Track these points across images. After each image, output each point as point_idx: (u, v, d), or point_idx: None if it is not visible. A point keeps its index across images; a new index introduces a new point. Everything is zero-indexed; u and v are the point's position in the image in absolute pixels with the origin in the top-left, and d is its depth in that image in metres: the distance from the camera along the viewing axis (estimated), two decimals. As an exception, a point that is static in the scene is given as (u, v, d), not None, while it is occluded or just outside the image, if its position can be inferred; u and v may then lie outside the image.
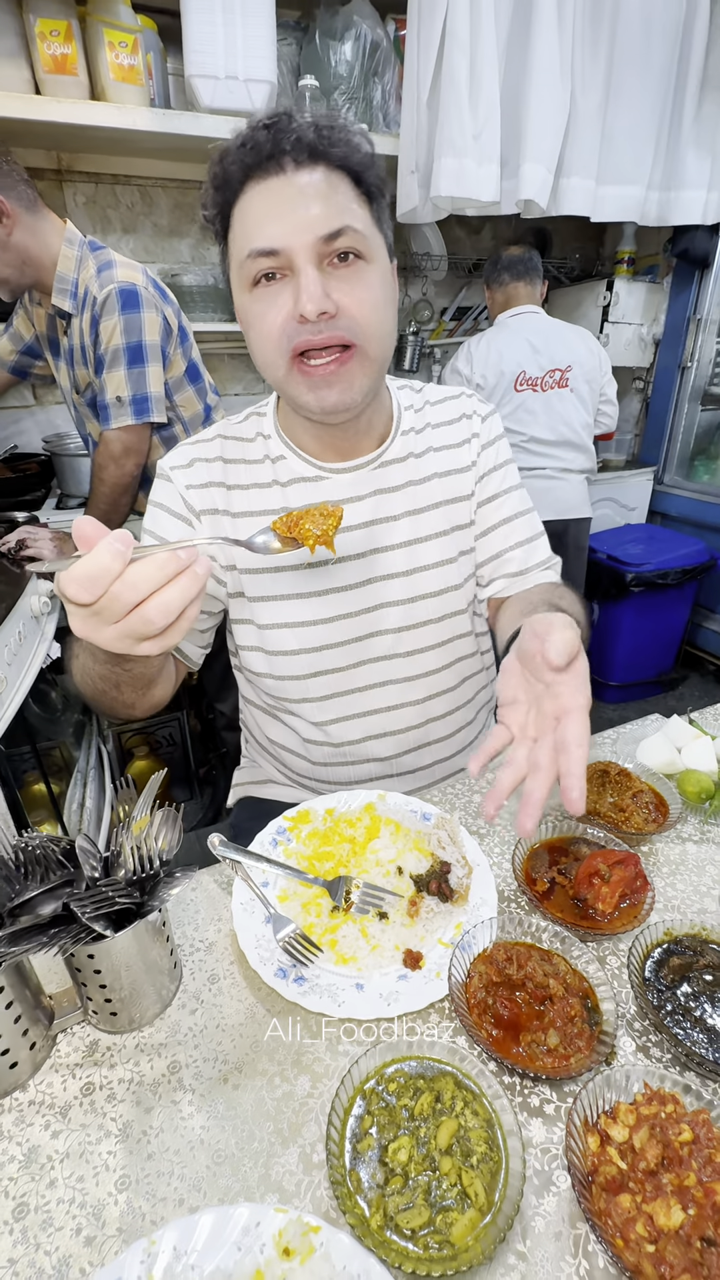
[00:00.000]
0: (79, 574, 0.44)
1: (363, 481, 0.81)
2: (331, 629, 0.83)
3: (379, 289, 0.69)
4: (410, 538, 0.83)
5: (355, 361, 0.69)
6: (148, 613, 0.46)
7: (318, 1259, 0.40)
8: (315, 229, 0.64)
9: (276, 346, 0.67)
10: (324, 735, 0.88)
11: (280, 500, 0.81)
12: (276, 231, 0.64)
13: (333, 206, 0.64)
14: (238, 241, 0.67)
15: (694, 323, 2.77)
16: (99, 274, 1.37)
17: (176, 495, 0.81)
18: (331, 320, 0.66)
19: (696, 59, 2.07)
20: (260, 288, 0.67)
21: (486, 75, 1.82)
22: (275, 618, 0.83)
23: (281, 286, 0.66)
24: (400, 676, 0.86)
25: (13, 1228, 0.45)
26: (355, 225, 0.65)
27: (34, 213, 1.34)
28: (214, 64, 1.68)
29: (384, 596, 0.83)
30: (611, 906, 0.63)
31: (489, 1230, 0.41)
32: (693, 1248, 0.39)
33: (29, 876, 0.53)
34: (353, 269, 0.67)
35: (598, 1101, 0.47)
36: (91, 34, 1.61)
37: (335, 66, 1.97)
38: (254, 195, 0.65)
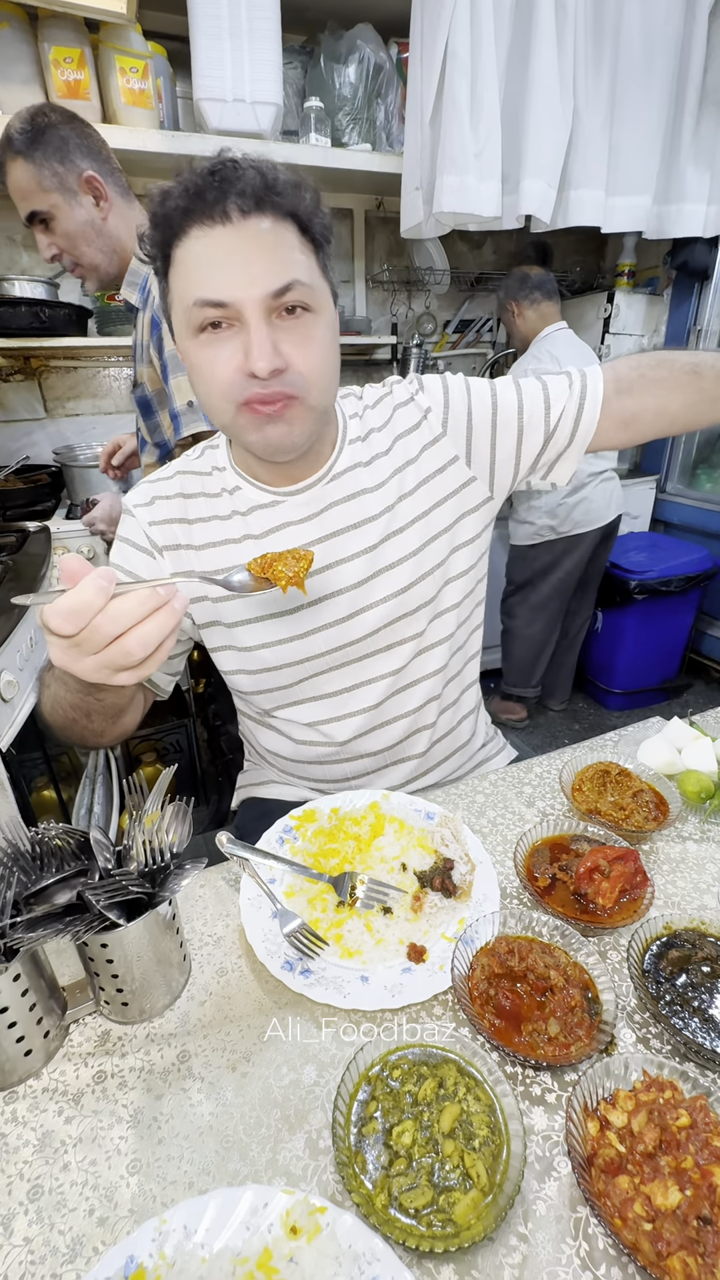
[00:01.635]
0: (63, 608, 0.46)
1: (316, 498, 0.83)
2: (308, 642, 0.85)
3: (325, 341, 0.71)
4: (372, 542, 0.83)
5: (296, 410, 0.71)
6: (127, 645, 0.49)
7: (324, 1238, 0.42)
8: (264, 283, 0.64)
9: (224, 395, 0.69)
10: (315, 736, 0.90)
11: (242, 528, 0.83)
12: (224, 283, 0.64)
13: (280, 260, 0.65)
14: (181, 285, 0.67)
15: (694, 334, 2.80)
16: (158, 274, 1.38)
17: (140, 531, 0.84)
18: (280, 375, 0.67)
19: (695, 75, 2.12)
20: (206, 334, 0.67)
21: (487, 95, 1.87)
22: (254, 639, 0.85)
23: (229, 336, 0.66)
24: (381, 673, 0.87)
25: (28, 1208, 0.46)
26: (303, 279, 0.66)
27: (127, 200, 1.31)
28: (222, 87, 1.74)
29: (354, 604, 0.84)
30: (612, 901, 0.64)
31: (491, 1209, 0.42)
32: (689, 1226, 0.40)
33: (45, 868, 0.54)
34: (300, 321, 0.68)
35: (597, 1088, 0.48)
36: (104, 60, 1.66)
37: (340, 88, 2.02)
38: (199, 241, 0.64)
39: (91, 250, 1.28)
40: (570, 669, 2.79)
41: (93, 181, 1.22)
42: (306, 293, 0.67)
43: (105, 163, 1.25)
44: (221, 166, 0.64)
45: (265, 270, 0.64)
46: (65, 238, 1.25)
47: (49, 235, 1.25)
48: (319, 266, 0.70)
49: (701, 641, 2.99)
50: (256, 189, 0.63)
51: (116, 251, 1.31)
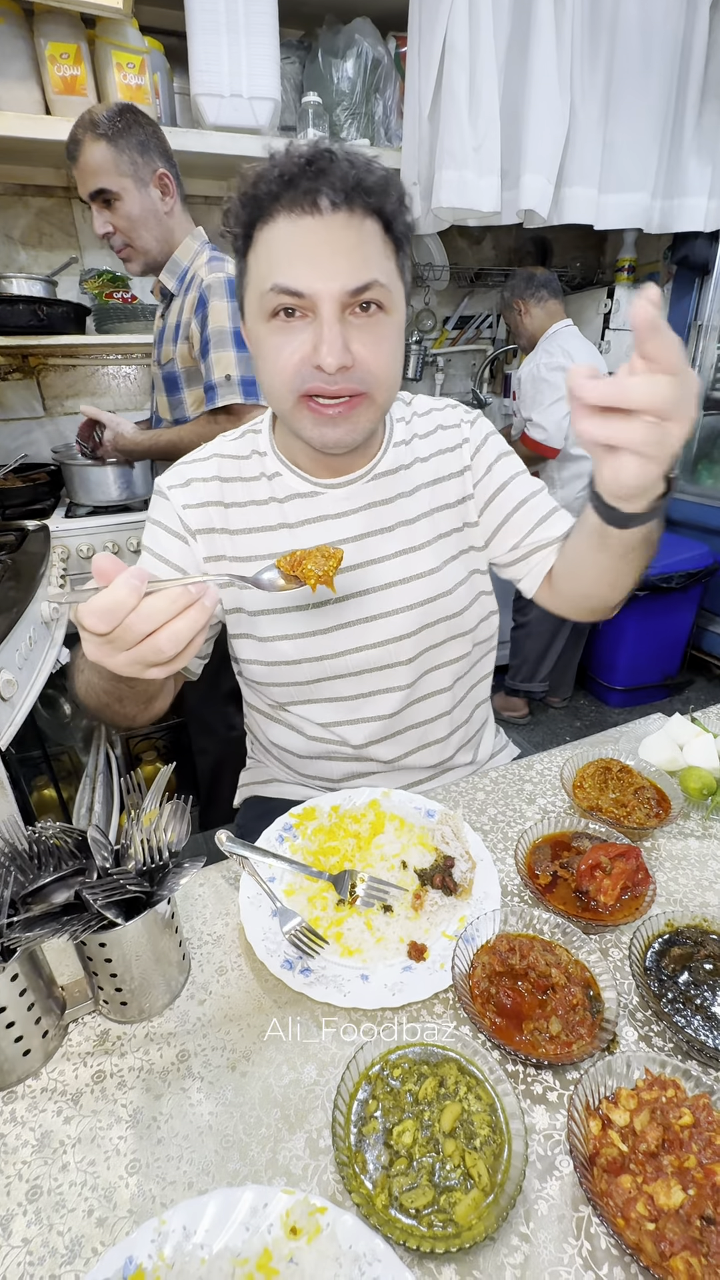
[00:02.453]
0: (97, 607, 0.47)
1: (356, 495, 0.83)
2: (330, 639, 0.84)
3: (394, 341, 0.71)
4: (403, 547, 0.85)
5: (363, 407, 0.71)
6: (159, 642, 0.49)
7: (324, 1238, 0.41)
8: (344, 280, 0.64)
9: (287, 384, 0.69)
10: (327, 736, 0.90)
11: (278, 516, 0.83)
12: (305, 274, 0.64)
13: (361, 258, 0.65)
14: (261, 267, 0.67)
15: (695, 329, 2.79)
16: (210, 262, 1.44)
17: (174, 514, 0.83)
18: (347, 372, 0.67)
19: (697, 68, 2.11)
20: (279, 320, 0.68)
21: (486, 89, 1.86)
22: (274, 630, 0.84)
23: (301, 325, 0.67)
24: (399, 684, 0.87)
25: (26, 1209, 0.46)
26: (381, 279, 0.66)
27: (184, 206, 1.48)
28: (219, 83, 1.73)
29: (380, 606, 0.84)
30: (613, 899, 0.63)
31: (492, 1209, 0.42)
32: (692, 1226, 0.39)
33: (42, 866, 0.54)
34: (373, 320, 0.68)
35: (599, 1087, 0.48)
36: (100, 56, 1.65)
37: (338, 83, 2.01)
38: (285, 227, 0.65)
39: (149, 236, 1.43)
40: (573, 666, 2.79)
41: (165, 179, 1.40)
42: (383, 293, 0.67)
43: (174, 167, 1.43)
44: (318, 156, 0.64)
45: (346, 266, 0.65)
46: (126, 219, 1.38)
47: (108, 213, 1.38)
48: (397, 267, 0.70)
49: (703, 638, 2.98)
50: (348, 184, 0.64)
51: (167, 243, 1.46)
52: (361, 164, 0.65)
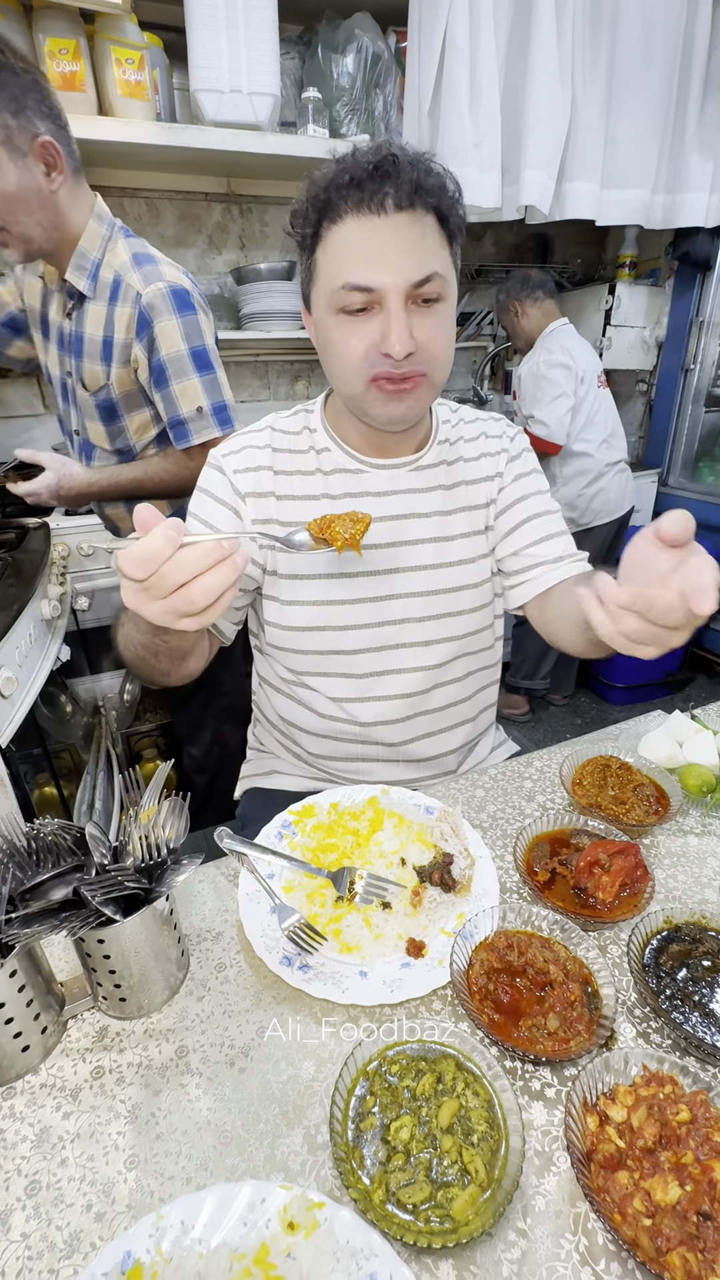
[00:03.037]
0: (136, 554, 0.51)
1: (398, 479, 0.88)
2: (353, 610, 0.87)
3: (450, 326, 0.78)
4: (437, 534, 0.89)
5: (424, 386, 0.77)
6: (191, 593, 0.53)
7: (322, 1233, 0.41)
8: (409, 274, 0.70)
9: (356, 370, 0.75)
10: (338, 712, 0.91)
11: (322, 487, 0.87)
12: (374, 271, 0.70)
13: (424, 253, 0.71)
14: (331, 267, 0.73)
15: (696, 325, 2.78)
16: (138, 266, 1.24)
17: (225, 483, 0.86)
18: (411, 357, 0.73)
19: (699, 62, 2.09)
20: (346, 314, 0.73)
21: (486, 84, 1.85)
22: (300, 595, 0.88)
23: (369, 317, 0.73)
24: (414, 665, 0.89)
25: (25, 1204, 0.46)
26: (440, 271, 0.72)
27: (77, 176, 1.20)
28: (218, 78, 1.72)
29: (407, 586, 0.88)
30: (612, 896, 0.63)
31: (489, 1205, 0.42)
32: (689, 1222, 0.39)
33: (40, 863, 0.54)
34: (433, 309, 0.74)
35: (597, 1083, 0.48)
36: (99, 51, 1.65)
37: (337, 79, 2.00)
38: (353, 228, 0.71)
39: (29, 220, 1.14)
40: (574, 663, 2.79)
41: (49, 149, 1.09)
42: (441, 284, 0.73)
43: (63, 129, 1.12)
44: (383, 161, 0.70)
45: (410, 262, 0.70)
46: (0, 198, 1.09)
47: None
48: (451, 257, 0.77)
49: (704, 635, 2.98)
50: (410, 186, 0.69)
51: (57, 228, 1.18)
52: (422, 166, 0.71)
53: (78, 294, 1.27)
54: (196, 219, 2.32)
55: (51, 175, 1.12)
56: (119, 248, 1.25)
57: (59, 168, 1.13)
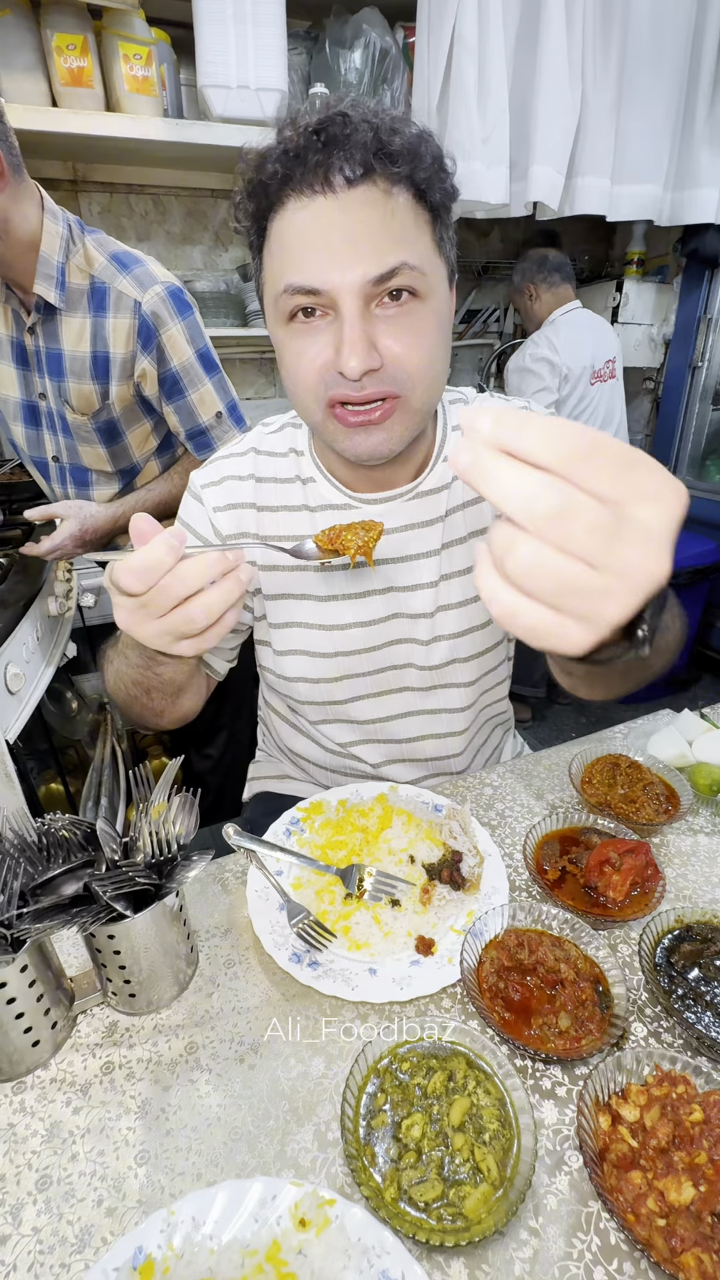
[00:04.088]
0: (135, 564, 0.46)
1: (394, 514, 0.76)
2: (353, 661, 0.81)
3: (433, 330, 0.61)
4: (437, 576, 0.78)
5: (398, 414, 0.63)
6: (191, 611, 0.48)
7: (333, 1230, 0.41)
8: (365, 269, 0.55)
9: (311, 393, 0.62)
10: (346, 753, 0.88)
11: (309, 525, 0.78)
12: (319, 266, 0.56)
13: (387, 239, 0.56)
14: (274, 266, 0.60)
15: (704, 322, 2.77)
16: (126, 270, 1.14)
17: (205, 519, 0.78)
18: (375, 374, 0.59)
19: (709, 57, 2.08)
20: (298, 323, 0.60)
21: (495, 79, 1.84)
22: (294, 645, 0.82)
23: (322, 325, 0.59)
24: (422, 709, 0.84)
25: (36, 1198, 0.46)
26: (411, 261, 0.57)
27: (19, 176, 1.04)
28: (226, 74, 1.71)
29: (407, 632, 0.80)
30: (622, 894, 0.63)
31: (501, 1203, 0.41)
32: (703, 1222, 0.39)
33: (51, 859, 0.54)
34: (405, 309, 0.59)
35: (609, 1083, 0.48)
36: (107, 47, 1.64)
37: (345, 74, 1.99)
38: (295, 214, 0.56)
39: None
40: None
41: None
42: (414, 277, 0.58)
43: (2, 127, 0.98)
44: (328, 122, 0.54)
45: (367, 251, 0.55)
46: None
47: None
48: (434, 241, 0.61)
49: (710, 635, 2.97)
50: (366, 151, 0.54)
51: (9, 235, 1.06)
52: (385, 124, 0.55)
53: (44, 305, 1.13)
54: (203, 215, 2.32)
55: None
56: (86, 248, 1.14)
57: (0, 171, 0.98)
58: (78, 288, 1.14)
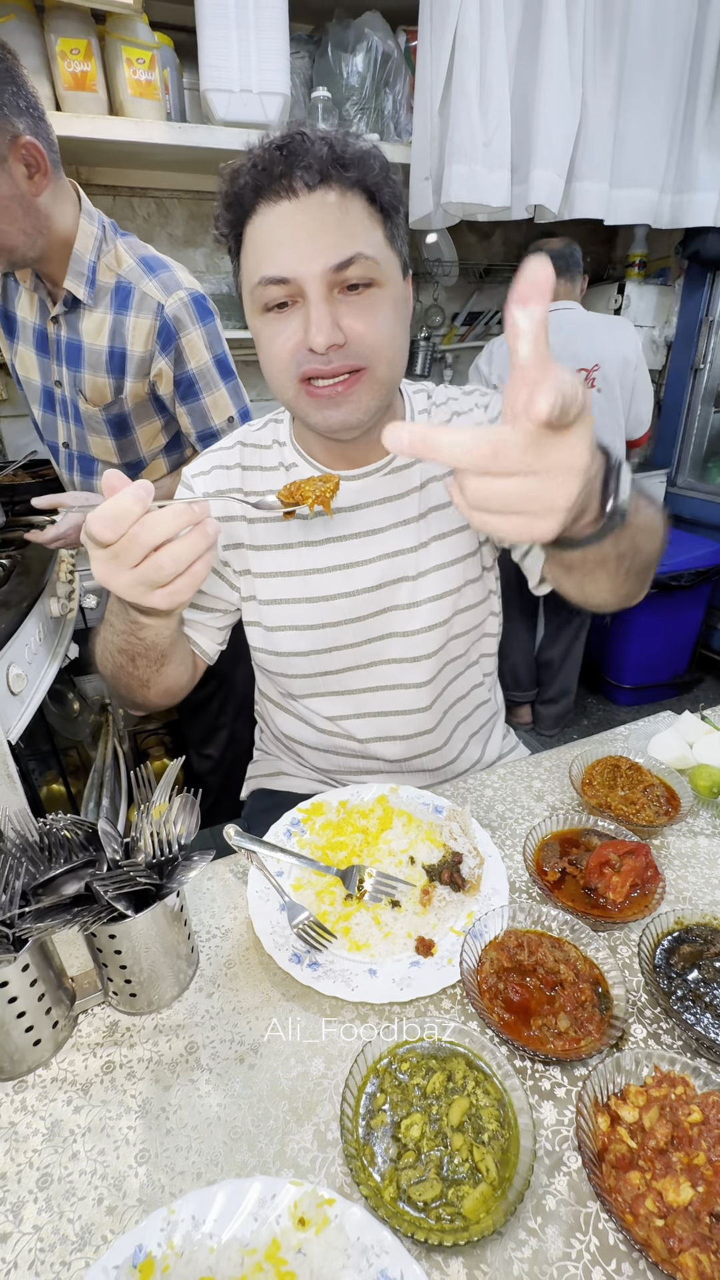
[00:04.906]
0: (104, 514, 0.50)
1: (372, 488, 0.83)
2: (341, 631, 0.84)
3: (390, 313, 0.70)
4: (416, 542, 0.84)
5: (364, 383, 0.70)
6: (161, 559, 0.52)
7: (332, 1229, 0.41)
8: (325, 258, 0.64)
9: (285, 371, 0.69)
10: (335, 729, 0.90)
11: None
12: (287, 259, 0.65)
13: (344, 233, 0.65)
14: (249, 264, 0.68)
15: (706, 324, 2.77)
16: (153, 274, 1.18)
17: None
18: (341, 349, 0.67)
19: (709, 62, 2.08)
20: (273, 313, 0.68)
21: (496, 83, 1.85)
22: (284, 620, 0.85)
23: (292, 313, 0.68)
24: (409, 681, 0.86)
25: (37, 1196, 0.46)
26: (367, 252, 0.66)
27: (57, 171, 1.09)
28: (229, 78, 1.72)
29: (392, 600, 0.84)
30: (622, 896, 0.63)
31: (500, 1203, 0.42)
32: (701, 1223, 0.39)
33: (53, 859, 0.54)
34: (363, 297, 0.68)
35: (608, 1083, 0.48)
36: (110, 52, 1.65)
37: (347, 78, 2.00)
38: (265, 218, 0.66)
39: (13, 229, 1.04)
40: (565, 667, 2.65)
41: (31, 150, 0.99)
42: (370, 266, 0.66)
43: (40, 121, 1.00)
44: (289, 139, 0.64)
45: (328, 244, 0.64)
46: None
47: None
48: (386, 237, 0.69)
49: (712, 637, 2.96)
50: (323, 161, 0.63)
51: (42, 233, 1.09)
52: (337, 140, 0.65)
53: (71, 299, 1.18)
54: (205, 218, 2.32)
55: (34, 178, 1.02)
56: (118, 249, 1.19)
57: (42, 169, 1.02)
58: (104, 285, 1.19)
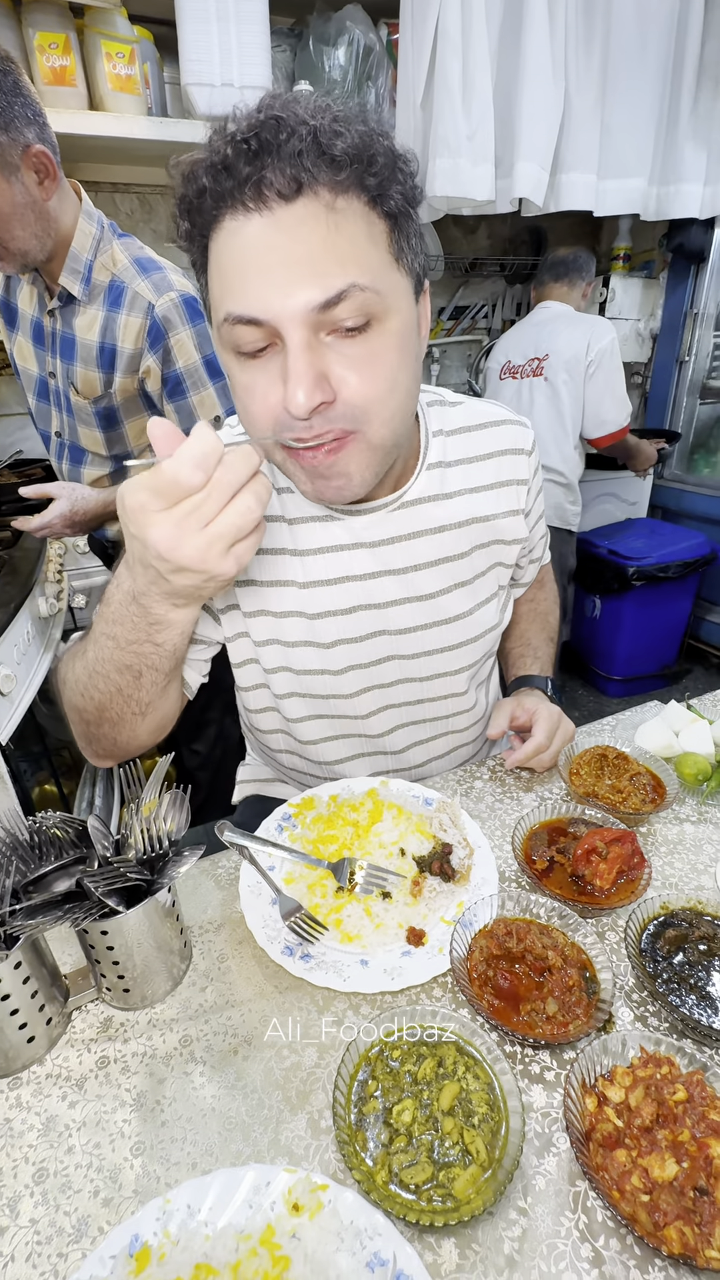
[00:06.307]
0: (193, 453, 0.43)
1: (378, 525, 0.73)
2: (341, 680, 0.79)
3: (393, 355, 0.56)
4: (429, 590, 0.76)
5: (352, 450, 0.58)
6: (246, 502, 0.46)
7: (326, 1214, 0.42)
8: (308, 295, 0.50)
9: (265, 432, 0.58)
10: (332, 772, 0.88)
11: (288, 539, 0.74)
12: (258, 293, 0.51)
13: (332, 259, 0.50)
14: (215, 291, 0.55)
15: (691, 317, 2.79)
16: (146, 274, 1.20)
17: None
18: (327, 409, 0.54)
19: (692, 51, 2.08)
20: (245, 358, 0.56)
21: (479, 75, 1.84)
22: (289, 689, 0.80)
23: (270, 359, 0.54)
24: (411, 721, 0.85)
25: (33, 1190, 0.47)
26: (362, 282, 0.51)
27: (60, 174, 1.13)
28: (209, 72, 1.71)
29: (396, 649, 0.78)
30: (609, 883, 0.64)
31: (490, 1184, 0.42)
32: (685, 1197, 0.40)
33: (44, 856, 0.55)
34: (359, 341, 0.54)
35: (595, 1065, 0.49)
36: (89, 46, 1.64)
37: (329, 71, 1.99)
38: (231, 235, 0.51)
39: (25, 234, 1.08)
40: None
41: (41, 157, 1.03)
42: (367, 301, 0.52)
43: (45, 127, 1.04)
44: (259, 128, 0.48)
45: (310, 274, 0.50)
46: None
47: None
48: (392, 254, 0.55)
49: (700, 627, 2.99)
50: (303, 159, 0.48)
51: (50, 235, 1.13)
52: (325, 125, 0.49)
53: (66, 295, 1.22)
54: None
55: (44, 183, 1.06)
56: (114, 249, 1.22)
57: (51, 174, 1.06)
58: (99, 283, 1.22)
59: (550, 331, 2.17)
